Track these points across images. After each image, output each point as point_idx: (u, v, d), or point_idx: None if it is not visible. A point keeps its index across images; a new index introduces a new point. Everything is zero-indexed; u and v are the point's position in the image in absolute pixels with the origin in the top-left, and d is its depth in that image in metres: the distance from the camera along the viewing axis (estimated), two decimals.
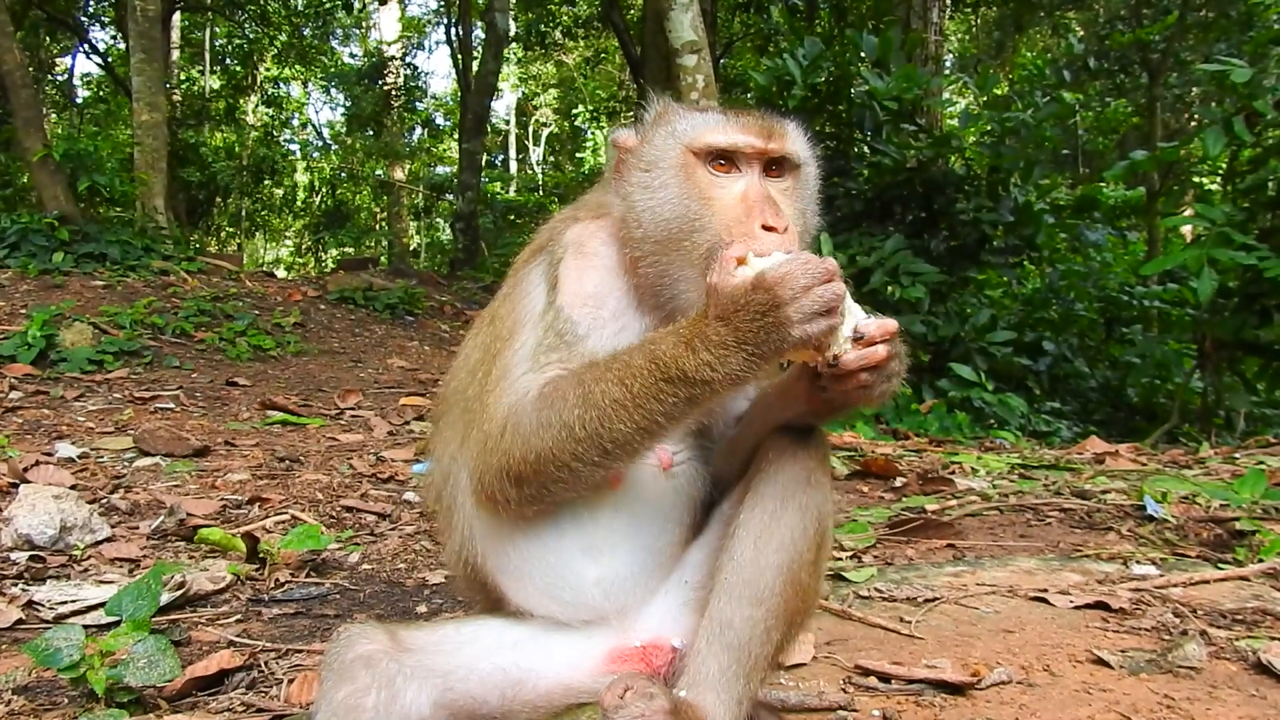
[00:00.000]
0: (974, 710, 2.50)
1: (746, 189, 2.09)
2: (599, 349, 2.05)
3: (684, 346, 1.79)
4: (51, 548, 4.16)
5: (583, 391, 1.86)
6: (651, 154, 2.16)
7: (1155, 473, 6.13)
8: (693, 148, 2.11)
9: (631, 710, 1.84)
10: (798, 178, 2.22)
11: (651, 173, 2.14)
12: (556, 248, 2.19)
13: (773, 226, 2.00)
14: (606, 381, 1.85)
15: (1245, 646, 2.92)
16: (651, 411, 1.82)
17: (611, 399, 1.83)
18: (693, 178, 2.10)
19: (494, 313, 2.23)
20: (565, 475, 1.91)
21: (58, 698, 2.76)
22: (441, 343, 14.16)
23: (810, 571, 2.04)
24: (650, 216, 2.10)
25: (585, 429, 1.85)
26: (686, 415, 1.86)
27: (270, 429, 7.62)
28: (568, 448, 1.87)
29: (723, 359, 1.76)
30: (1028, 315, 13.96)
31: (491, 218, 31.24)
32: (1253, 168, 10.85)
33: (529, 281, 2.19)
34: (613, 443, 1.85)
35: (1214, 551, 4.25)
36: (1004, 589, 3.62)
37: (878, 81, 11.57)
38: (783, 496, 2.02)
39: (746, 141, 2.10)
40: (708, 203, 2.08)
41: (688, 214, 2.07)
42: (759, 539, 2.00)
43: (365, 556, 4.43)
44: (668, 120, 2.20)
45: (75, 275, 12.68)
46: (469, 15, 27.42)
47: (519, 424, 1.92)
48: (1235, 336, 10.55)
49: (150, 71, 16.24)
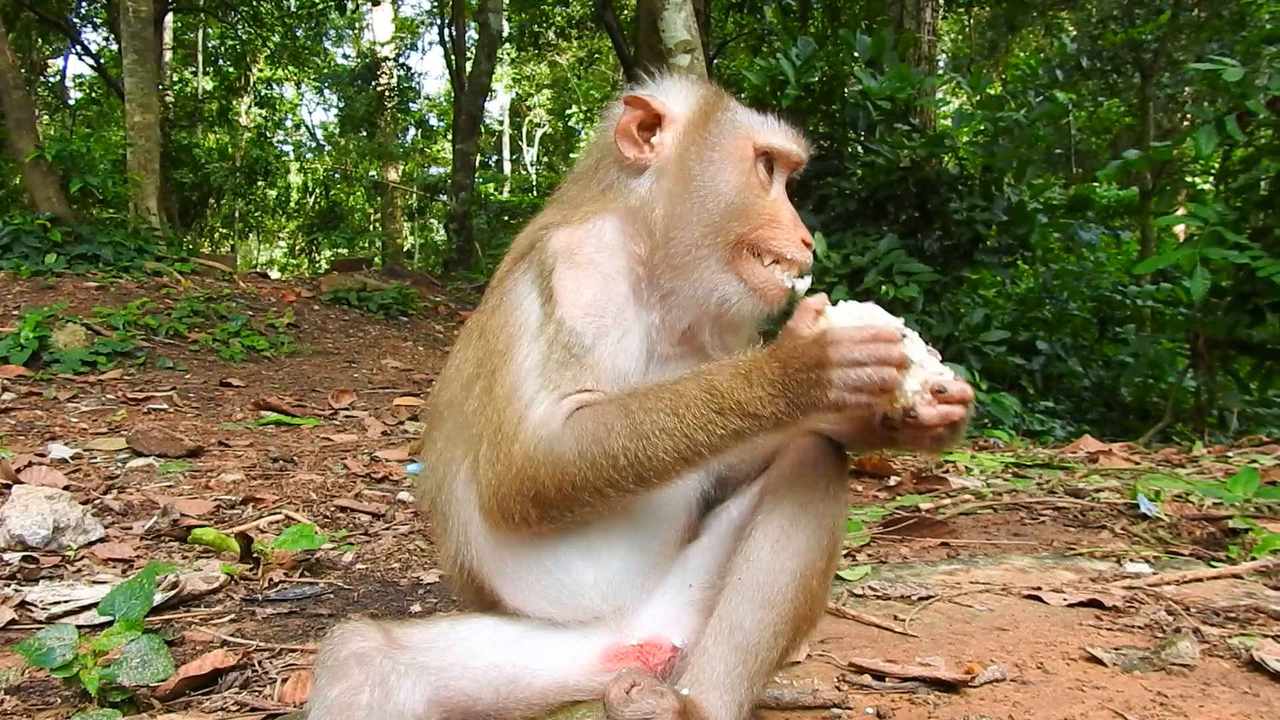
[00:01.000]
0: (968, 708, 2.50)
1: (780, 197, 2.21)
2: (606, 357, 2.03)
3: (742, 379, 1.83)
4: (44, 548, 4.15)
5: (631, 422, 1.87)
6: (713, 138, 2.20)
7: (1148, 471, 6.14)
8: (756, 143, 2.19)
9: (641, 706, 1.84)
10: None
11: (713, 153, 2.18)
12: (545, 256, 2.12)
13: (809, 244, 2.18)
14: (658, 412, 1.86)
15: (1238, 644, 2.92)
16: (697, 442, 1.84)
17: (661, 428, 1.84)
18: (751, 173, 2.18)
19: (483, 326, 2.17)
20: (595, 500, 1.92)
21: (50, 698, 2.76)
22: (435, 343, 14.15)
23: (821, 580, 2.05)
24: (701, 200, 2.14)
25: (628, 458, 1.86)
26: (729, 448, 1.89)
27: (264, 429, 7.62)
28: (605, 475, 1.87)
29: (772, 398, 1.80)
30: (1021, 315, 13.99)
31: (485, 218, 31.23)
32: (1245, 167, 10.88)
33: (517, 293, 2.13)
34: (652, 471, 1.87)
35: (1207, 550, 4.25)
36: (998, 587, 3.62)
37: (871, 81, 11.58)
38: (802, 504, 2.03)
39: (796, 151, 2.25)
40: (758, 199, 2.17)
41: (738, 205, 2.14)
42: (776, 543, 2.01)
43: (359, 556, 4.42)
44: (728, 107, 2.28)
45: (68, 277, 12.67)
46: (462, 16, 27.41)
47: (552, 452, 1.90)
48: (1228, 336, 10.57)
49: (143, 73, 16.20)
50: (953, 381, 1.90)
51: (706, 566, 2.17)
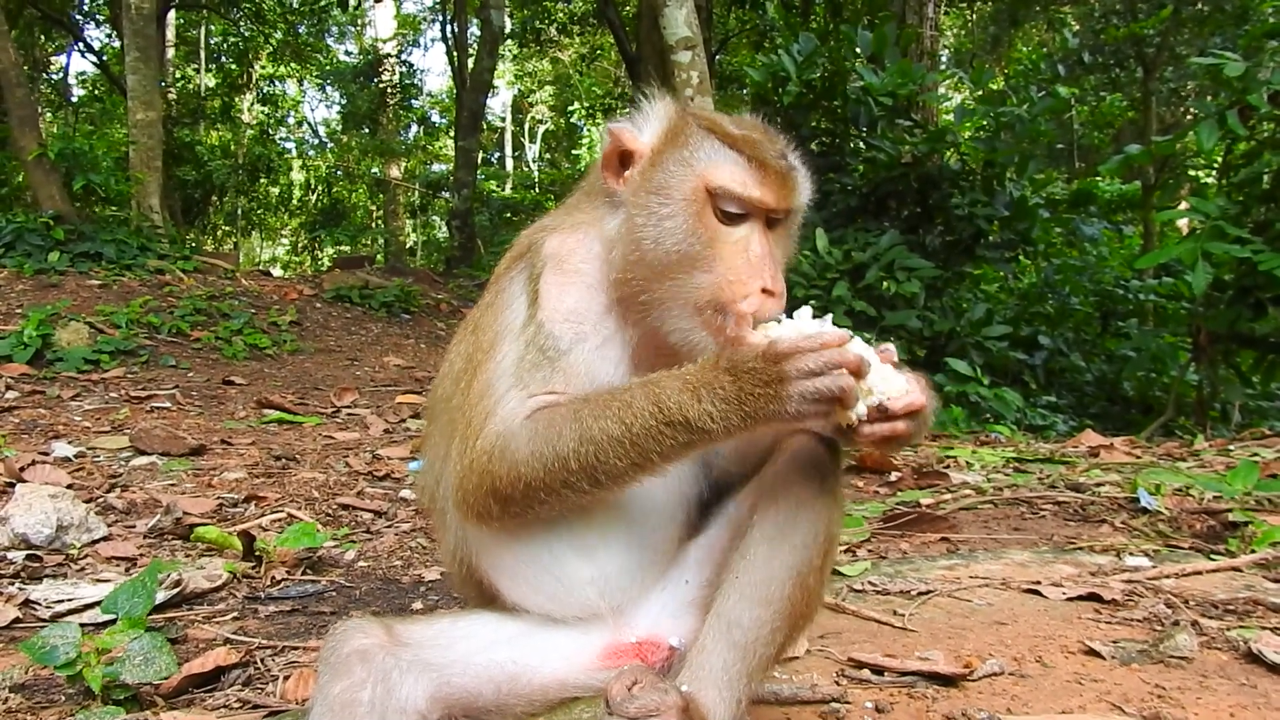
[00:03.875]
0: (966, 701, 2.52)
1: (750, 241, 2.05)
2: (581, 364, 2.05)
3: (690, 393, 1.81)
4: (48, 547, 4.17)
5: (580, 428, 1.88)
6: (662, 178, 2.09)
7: (1149, 465, 6.15)
8: (709, 184, 2.05)
9: (645, 704, 1.84)
10: (791, 220, 2.21)
11: (660, 196, 2.08)
12: (536, 260, 2.15)
13: (771, 290, 2.02)
14: (606, 419, 1.86)
15: (1236, 636, 2.93)
16: (648, 451, 1.85)
17: (609, 436, 1.85)
18: (702, 217, 2.05)
19: (476, 322, 2.22)
20: (553, 499, 1.93)
21: (54, 695, 2.77)
22: (438, 340, 14.17)
23: (817, 577, 2.05)
24: (652, 245, 2.06)
25: (579, 462, 1.87)
26: (682, 456, 1.89)
27: (267, 427, 7.64)
28: (559, 477, 1.89)
29: (724, 413, 1.79)
30: (1023, 310, 13.99)
31: (488, 215, 31.23)
32: (1247, 161, 10.86)
33: (509, 293, 2.17)
34: (606, 475, 1.88)
35: (1206, 543, 4.26)
36: (997, 581, 3.63)
37: (872, 77, 11.58)
38: (798, 501, 2.02)
39: (762, 199, 2.06)
40: (711, 246, 2.04)
41: (690, 253, 2.04)
42: (773, 541, 2.01)
43: (361, 554, 4.44)
44: (684, 143, 2.12)
45: (71, 274, 12.70)
46: (464, 12, 27.41)
47: (507, 450, 1.93)
48: (1230, 329, 10.57)
49: (145, 70, 16.22)
50: (899, 398, 1.85)
51: (704, 564, 2.18)
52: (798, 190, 2.14)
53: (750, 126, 2.18)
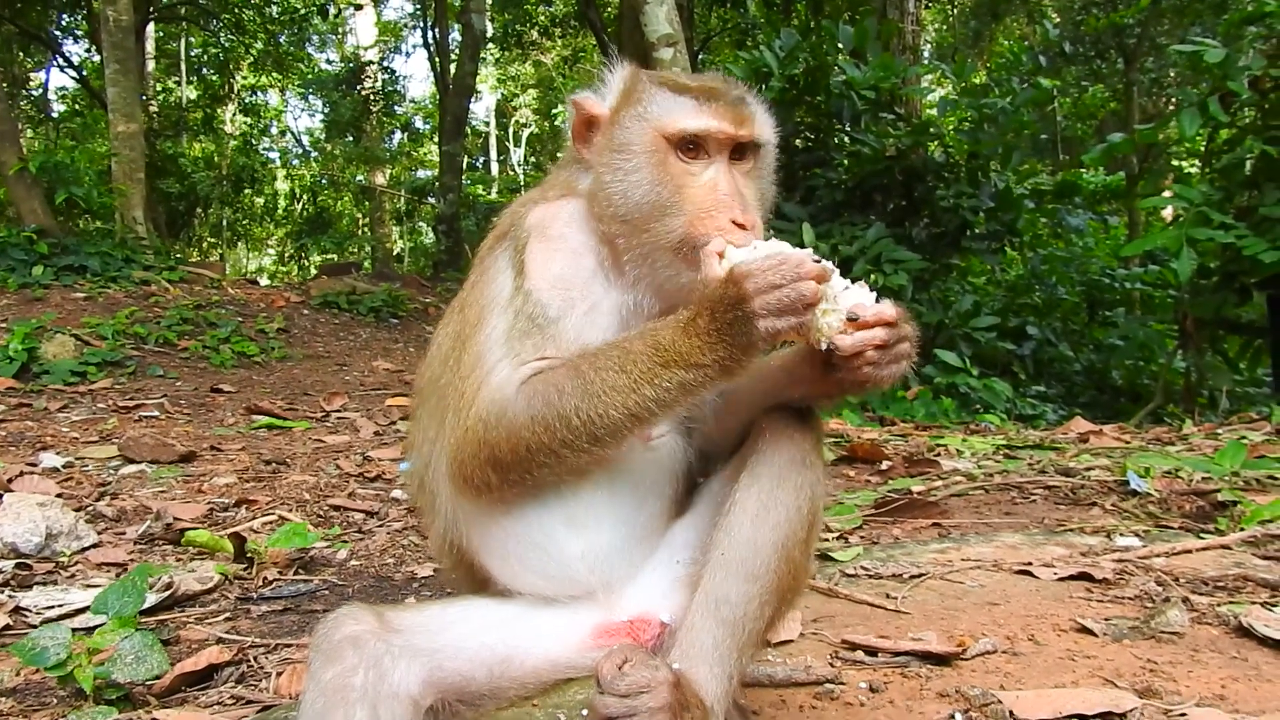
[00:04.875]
0: (960, 679, 2.52)
1: (716, 178, 2.13)
2: (570, 329, 2.08)
3: (681, 332, 1.87)
4: (38, 555, 4.14)
5: (582, 382, 1.91)
6: (622, 136, 2.18)
7: (1138, 450, 6.18)
8: (664, 133, 2.13)
9: (635, 680, 1.84)
10: (760, 157, 2.25)
11: (622, 154, 2.16)
12: (520, 232, 2.20)
13: (742, 224, 2.06)
14: (607, 370, 1.90)
15: (1227, 611, 2.95)
16: (646, 397, 1.88)
17: (610, 385, 1.89)
18: (665, 164, 2.13)
19: (463, 301, 2.26)
20: (551, 462, 1.96)
21: (46, 698, 2.76)
22: (426, 344, 14.03)
23: (803, 550, 2.06)
24: (621, 200, 2.14)
25: (580, 418, 1.90)
26: (679, 402, 1.92)
27: (256, 433, 7.61)
28: (559, 436, 1.92)
29: (711, 346, 1.84)
30: (1011, 300, 14.06)
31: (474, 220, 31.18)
32: (1229, 147, 10.91)
33: (495, 268, 2.21)
34: (605, 429, 1.91)
35: (1196, 523, 4.29)
36: (989, 563, 3.64)
37: (855, 71, 11.61)
38: (779, 475, 2.04)
39: (719, 128, 2.13)
40: (679, 190, 2.11)
41: (659, 200, 2.11)
42: (756, 516, 2.02)
43: (353, 553, 4.43)
44: (638, 99, 2.20)
45: (55, 288, 12.66)
46: (445, 17, 27.39)
47: (504, 414, 1.96)
48: (1216, 315, 10.64)
49: (126, 82, 16.18)
50: (869, 306, 1.91)
51: (692, 542, 2.19)
52: (754, 119, 2.19)
53: (706, 77, 2.26)
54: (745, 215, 2.08)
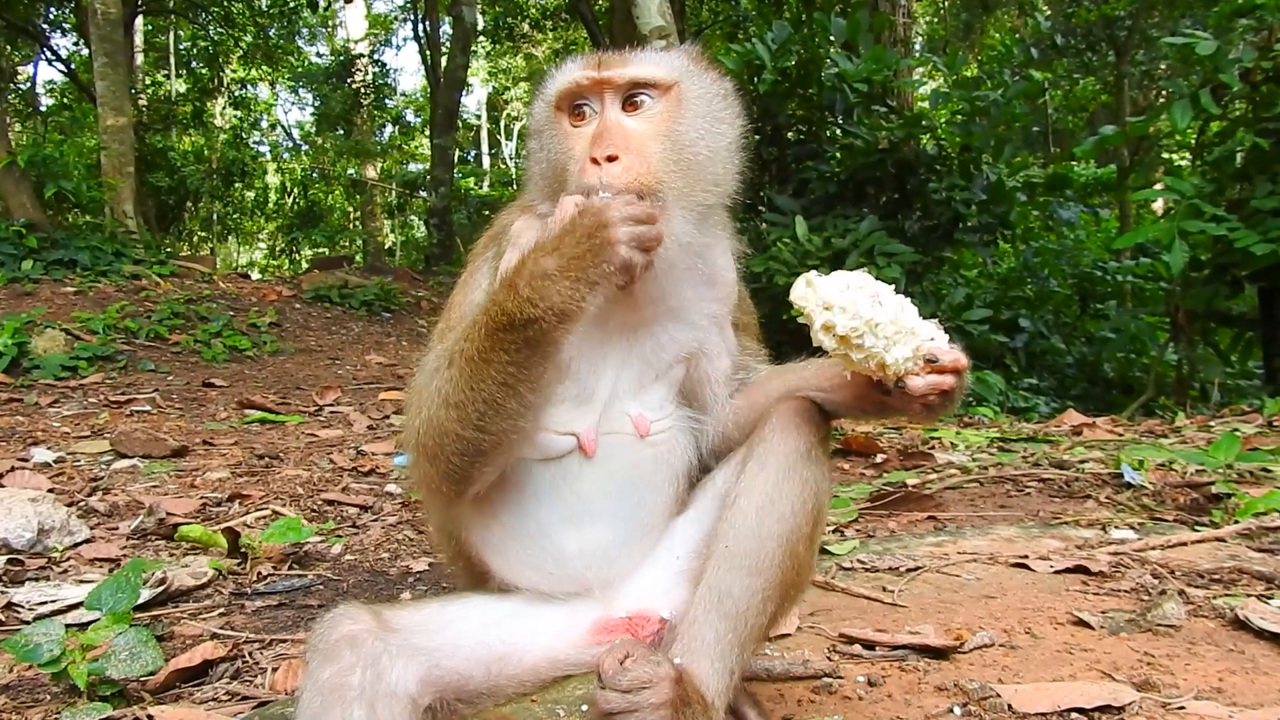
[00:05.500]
0: (957, 672, 2.52)
1: (590, 128, 2.07)
2: None
3: (505, 289, 1.81)
4: (29, 550, 4.12)
5: (448, 355, 1.89)
6: (531, 124, 2.23)
7: (1132, 442, 6.19)
8: (553, 102, 2.13)
9: (637, 675, 1.83)
10: (671, 99, 2.09)
11: (533, 139, 2.21)
12: (504, 240, 2.20)
13: (613, 156, 1.96)
14: (463, 340, 1.87)
15: (1223, 604, 2.95)
16: (502, 364, 1.81)
17: (466, 357, 1.85)
18: (558, 132, 2.13)
19: (451, 300, 2.26)
20: (462, 446, 1.90)
21: (40, 694, 2.75)
22: (419, 338, 14.11)
23: (806, 545, 2.04)
24: (539, 180, 2.17)
25: (456, 392, 1.86)
26: (538, 365, 1.84)
27: (249, 428, 7.59)
28: (450, 414, 1.88)
29: (542, 292, 1.76)
30: (1003, 293, 14.06)
31: (466, 213, 31.11)
32: (1221, 140, 10.93)
33: (479, 274, 2.21)
34: (484, 403, 1.84)
35: (1191, 515, 4.29)
36: (985, 557, 3.65)
37: (847, 64, 11.59)
38: (785, 469, 2.01)
39: (583, 75, 2.07)
40: (568, 152, 2.08)
41: (559, 162, 2.10)
42: (761, 509, 2.00)
43: (348, 548, 4.41)
44: (542, 83, 2.22)
45: (45, 282, 12.60)
46: (436, 10, 27.27)
47: (418, 400, 1.96)
48: (1207, 308, 10.66)
49: (114, 76, 16.08)
50: (946, 350, 1.89)
51: (693, 537, 2.17)
52: (638, 61, 2.10)
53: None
54: (621, 146, 1.98)
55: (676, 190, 2.01)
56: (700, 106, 2.12)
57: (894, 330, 1.85)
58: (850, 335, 1.86)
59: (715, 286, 2.24)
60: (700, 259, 2.15)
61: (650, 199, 1.95)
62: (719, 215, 2.23)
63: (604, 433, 2.11)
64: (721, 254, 2.26)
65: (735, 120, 2.20)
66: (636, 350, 2.15)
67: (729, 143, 2.16)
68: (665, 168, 2.01)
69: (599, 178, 1.94)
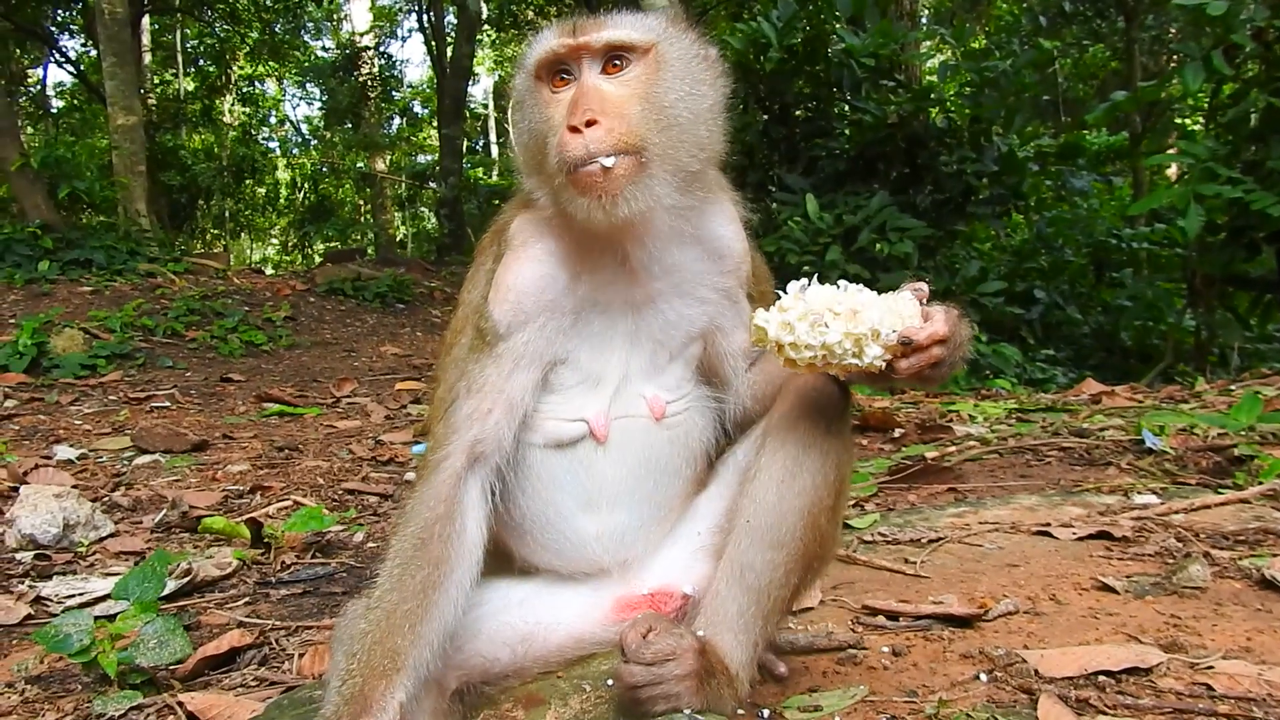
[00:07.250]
0: (983, 640, 2.51)
1: (568, 94, 2.04)
2: (518, 346, 2.07)
3: None
4: (56, 545, 4.16)
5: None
6: (515, 95, 2.21)
7: (1152, 408, 6.15)
8: (533, 71, 2.10)
9: (661, 648, 1.84)
10: (650, 61, 2.05)
11: (516, 112, 2.20)
12: (504, 239, 2.20)
13: (592, 120, 1.93)
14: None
15: (1249, 565, 2.93)
16: None
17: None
18: (539, 102, 2.09)
19: (462, 292, 2.29)
20: None
21: (71, 684, 2.77)
22: (433, 328, 14.15)
23: (829, 517, 2.03)
24: (523, 153, 2.15)
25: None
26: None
27: (267, 421, 7.63)
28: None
29: None
30: (1017, 265, 13.95)
31: (476, 203, 31.11)
32: (1234, 101, 10.79)
33: (482, 270, 2.22)
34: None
35: (1214, 478, 4.26)
36: (1007, 526, 3.63)
37: (854, 39, 11.51)
38: (805, 442, 2.00)
39: (559, 42, 2.05)
40: (549, 119, 2.04)
41: (540, 130, 2.06)
42: (781, 483, 1.99)
43: (369, 536, 4.44)
44: (521, 59, 2.19)
45: (62, 282, 12.68)
46: (440, 0, 27.22)
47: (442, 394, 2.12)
48: (1225, 272, 10.55)
49: (123, 75, 16.13)
50: (919, 329, 1.83)
51: (715, 512, 2.17)
52: (615, 24, 2.07)
53: None
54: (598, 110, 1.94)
55: (659, 150, 1.97)
56: (680, 68, 2.08)
57: (852, 341, 1.81)
58: (815, 362, 1.84)
59: (721, 259, 2.20)
60: (689, 223, 2.11)
61: (635, 156, 1.92)
62: (710, 180, 2.19)
63: (617, 417, 2.11)
64: (723, 223, 2.22)
65: (717, 82, 2.15)
66: (645, 329, 2.13)
67: (710, 104, 2.11)
68: (647, 128, 1.97)
69: (583, 145, 1.91)
